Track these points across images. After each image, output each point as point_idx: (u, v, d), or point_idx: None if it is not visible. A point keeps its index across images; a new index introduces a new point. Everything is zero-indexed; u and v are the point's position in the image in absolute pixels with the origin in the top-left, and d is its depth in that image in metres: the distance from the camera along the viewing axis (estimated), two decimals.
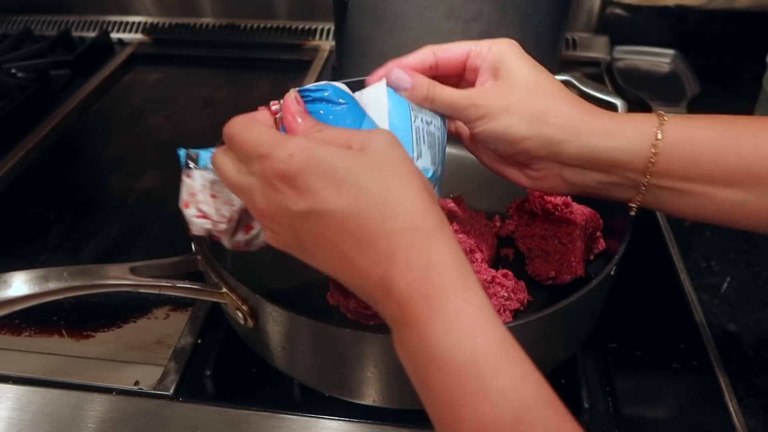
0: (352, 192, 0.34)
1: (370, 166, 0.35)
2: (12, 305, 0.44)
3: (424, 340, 0.33)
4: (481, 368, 0.31)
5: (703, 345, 0.58)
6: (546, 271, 0.57)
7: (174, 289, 0.49)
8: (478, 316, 0.33)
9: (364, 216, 0.34)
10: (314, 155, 0.35)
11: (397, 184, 0.35)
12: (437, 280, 0.33)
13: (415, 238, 0.34)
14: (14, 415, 0.54)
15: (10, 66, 1.05)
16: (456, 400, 0.31)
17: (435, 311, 0.32)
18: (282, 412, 0.53)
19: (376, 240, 0.34)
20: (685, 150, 0.42)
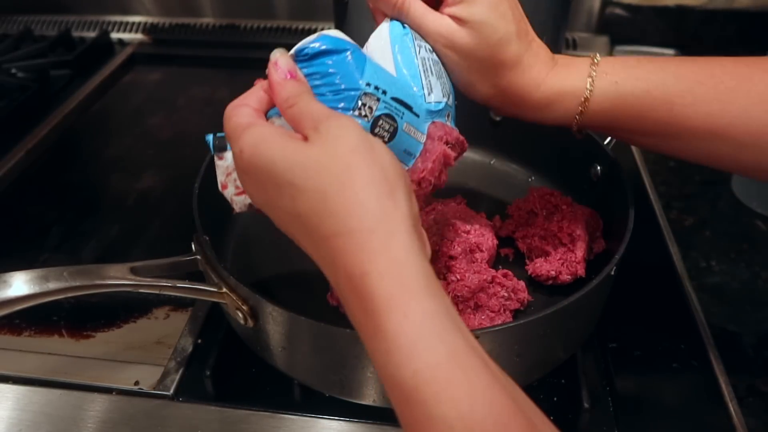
0: (290, 193, 0.33)
1: (314, 165, 0.33)
2: (12, 305, 0.44)
3: (375, 358, 0.31)
4: (424, 396, 0.28)
5: (703, 345, 0.58)
6: (546, 272, 0.57)
7: (174, 289, 0.49)
8: (420, 333, 0.29)
9: (304, 218, 0.33)
10: (259, 153, 0.34)
11: (335, 185, 0.32)
12: (374, 290, 0.30)
13: (349, 243, 0.32)
14: (15, 415, 0.54)
15: (10, 66, 1.05)
16: (410, 427, 0.30)
17: (376, 328, 0.30)
18: (282, 412, 0.53)
19: (319, 242, 0.33)
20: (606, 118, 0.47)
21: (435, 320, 0.30)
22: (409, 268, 0.31)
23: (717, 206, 0.78)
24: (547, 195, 0.62)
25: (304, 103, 0.37)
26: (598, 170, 0.63)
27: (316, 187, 0.33)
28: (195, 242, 0.52)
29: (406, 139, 0.42)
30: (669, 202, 0.77)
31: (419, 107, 0.43)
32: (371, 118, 0.40)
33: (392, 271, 0.31)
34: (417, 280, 0.31)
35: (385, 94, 0.41)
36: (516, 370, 0.48)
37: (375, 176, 0.33)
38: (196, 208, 0.54)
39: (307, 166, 0.33)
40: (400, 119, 0.42)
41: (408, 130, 0.42)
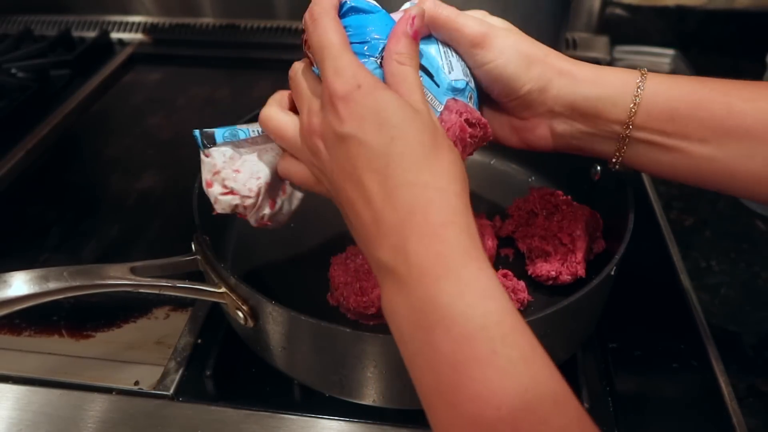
0: (392, 133, 0.36)
1: (419, 123, 0.36)
2: (12, 305, 0.44)
3: (433, 300, 0.32)
4: (492, 334, 0.31)
5: (703, 345, 0.58)
6: (546, 272, 0.57)
7: (174, 289, 0.49)
8: (490, 284, 0.33)
9: (393, 159, 0.35)
10: (376, 91, 0.37)
11: (431, 145, 0.36)
12: (453, 239, 0.33)
13: (436, 196, 0.34)
14: (14, 414, 0.54)
15: (10, 66, 1.05)
16: (461, 364, 0.31)
17: (448, 271, 0.32)
18: (282, 412, 0.53)
19: (398, 186, 0.35)
20: (663, 104, 0.44)
21: (497, 280, 0.33)
22: (477, 236, 0.35)
23: (717, 206, 0.78)
24: (548, 195, 0.62)
25: (411, 69, 0.39)
26: (598, 170, 0.63)
27: (419, 141, 0.36)
28: (195, 242, 0.52)
29: None
30: (669, 202, 0.77)
31: (440, 78, 0.43)
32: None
33: (469, 230, 0.34)
34: (479, 247, 0.35)
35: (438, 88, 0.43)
36: None
37: (457, 159, 0.37)
38: (196, 207, 0.54)
39: (415, 122, 0.36)
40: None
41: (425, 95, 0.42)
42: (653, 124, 0.44)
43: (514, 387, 0.30)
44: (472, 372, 0.30)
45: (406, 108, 0.37)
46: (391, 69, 0.40)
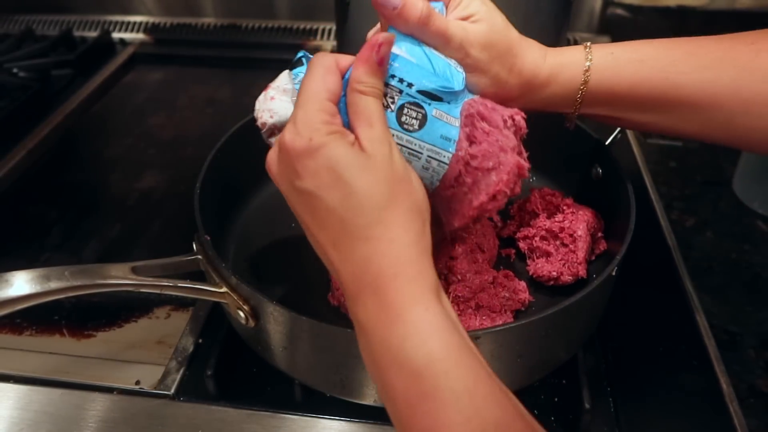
0: (345, 189, 0.36)
1: (372, 175, 0.37)
2: (14, 304, 0.44)
3: (386, 344, 0.35)
4: (435, 371, 0.33)
5: (704, 346, 0.58)
6: (548, 272, 0.57)
7: (175, 288, 0.49)
8: (435, 323, 0.34)
9: (348, 214, 0.36)
10: (326, 146, 0.37)
11: (384, 196, 0.37)
12: (402, 289, 0.35)
13: (388, 249, 0.36)
14: (16, 414, 0.54)
15: (12, 65, 1.05)
16: (412, 400, 0.33)
17: (396, 317, 0.34)
18: (283, 412, 0.53)
19: (354, 242, 0.37)
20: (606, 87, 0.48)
21: (446, 320, 0.35)
22: (430, 281, 0.36)
23: (718, 207, 0.78)
24: (549, 195, 0.62)
25: (372, 100, 0.39)
26: (599, 171, 0.63)
27: (370, 195, 0.36)
28: (196, 242, 0.52)
29: (440, 125, 0.43)
30: (670, 203, 0.77)
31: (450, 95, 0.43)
32: (395, 108, 0.42)
33: (420, 278, 0.36)
34: (433, 289, 0.36)
35: (410, 87, 0.42)
36: (517, 371, 0.49)
37: (413, 204, 0.38)
38: (197, 207, 0.54)
39: (366, 176, 0.37)
40: (427, 106, 0.42)
41: (440, 116, 0.43)
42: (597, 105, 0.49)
43: (457, 418, 0.32)
44: (422, 407, 0.33)
45: (358, 159, 0.37)
46: (352, 99, 0.39)
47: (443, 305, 0.36)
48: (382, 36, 0.40)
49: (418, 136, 0.42)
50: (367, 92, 0.39)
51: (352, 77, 0.39)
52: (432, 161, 0.43)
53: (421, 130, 0.42)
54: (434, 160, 0.43)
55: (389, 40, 0.40)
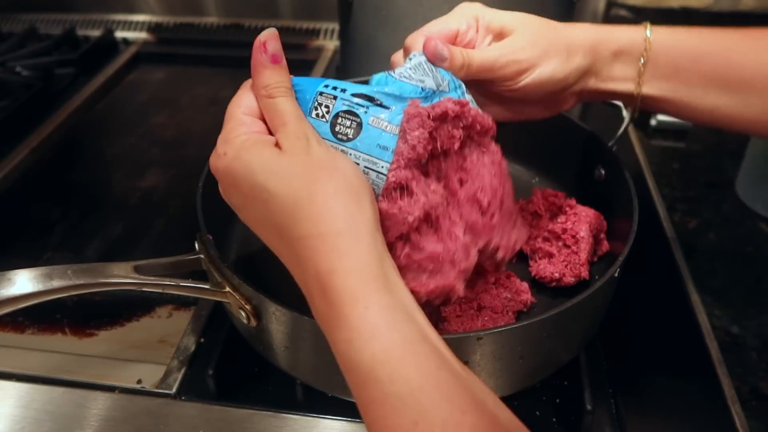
0: (264, 197, 0.36)
1: (286, 173, 0.36)
2: (16, 303, 0.44)
3: (336, 348, 0.34)
4: (379, 375, 0.32)
5: (706, 348, 0.58)
6: (550, 273, 0.57)
7: (177, 288, 0.49)
8: (378, 323, 0.33)
9: (276, 220, 0.37)
10: (240, 157, 0.37)
11: (305, 193, 0.36)
12: (339, 286, 0.34)
13: (319, 245, 0.35)
14: (17, 412, 0.54)
15: (15, 64, 1.05)
16: (365, 406, 0.33)
17: (339, 319, 0.33)
18: (284, 412, 0.53)
19: (291, 243, 0.36)
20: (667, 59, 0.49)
21: (392, 312, 0.33)
22: (371, 267, 0.34)
23: (721, 209, 0.77)
24: (551, 196, 0.62)
25: (280, 100, 0.39)
26: (602, 172, 0.63)
27: (288, 194, 0.36)
28: (198, 241, 0.52)
29: (377, 133, 0.40)
30: (673, 204, 0.77)
31: (390, 99, 0.41)
32: (329, 118, 0.41)
33: (356, 269, 0.34)
34: (377, 278, 0.34)
35: (344, 92, 0.41)
36: (519, 372, 0.48)
37: (340, 186, 0.36)
38: (199, 207, 0.54)
39: (280, 174, 0.36)
40: (363, 114, 0.40)
41: (376, 124, 0.40)
42: (661, 78, 0.49)
43: (404, 423, 0.31)
44: (373, 413, 0.32)
45: (272, 160, 0.37)
46: (263, 106, 0.40)
47: (391, 293, 0.34)
48: (263, 35, 0.40)
49: (352, 146, 0.40)
50: (273, 94, 0.39)
51: (255, 85, 0.40)
52: (370, 173, 0.40)
53: (356, 139, 0.40)
54: (372, 171, 0.40)
55: (271, 34, 0.40)
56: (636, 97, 0.50)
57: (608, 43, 0.49)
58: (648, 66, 0.49)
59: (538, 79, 0.48)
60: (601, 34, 0.49)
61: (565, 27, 0.49)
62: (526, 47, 0.47)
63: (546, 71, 0.47)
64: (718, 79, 0.48)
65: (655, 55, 0.48)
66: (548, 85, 0.48)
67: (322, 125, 0.41)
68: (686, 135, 0.90)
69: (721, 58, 0.47)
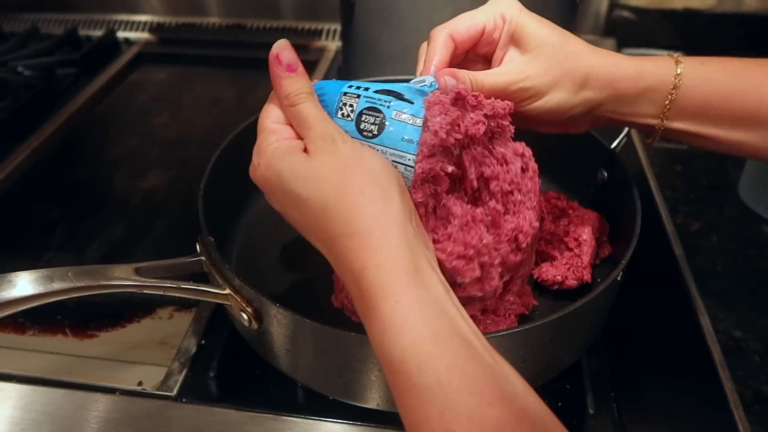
0: (296, 201, 0.38)
1: (314, 177, 0.38)
2: (17, 305, 0.44)
3: (373, 340, 0.35)
4: (408, 367, 0.33)
5: (708, 351, 0.58)
6: (552, 276, 0.57)
7: (178, 290, 0.49)
8: (407, 316, 0.34)
9: (310, 222, 0.38)
10: (271, 167, 0.39)
11: (334, 194, 0.37)
12: (371, 282, 0.35)
13: (352, 243, 0.36)
14: (17, 414, 0.54)
15: (17, 64, 1.05)
16: (398, 396, 0.34)
17: (373, 313, 0.35)
18: (285, 415, 0.53)
19: (325, 243, 0.38)
20: (697, 98, 0.47)
21: (422, 306, 0.34)
22: (401, 262, 0.35)
23: (724, 211, 0.77)
24: (554, 199, 0.62)
25: (303, 106, 0.40)
26: (604, 174, 0.62)
27: (318, 197, 0.37)
28: (200, 243, 0.52)
29: (401, 127, 0.41)
30: (675, 206, 0.77)
31: (412, 93, 0.42)
32: (354, 116, 0.42)
33: (387, 265, 0.35)
34: (408, 272, 0.35)
35: (367, 90, 0.42)
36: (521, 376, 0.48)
37: (367, 184, 0.37)
38: (201, 208, 0.54)
39: (308, 178, 0.38)
40: (386, 109, 0.41)
41: (400, 118, 0.41)
42: (687, 116, 0.48)
43: (432, 413, 0.32)
44: (405, 402, 0.33)
45: (300, 167, 0.38)
46: (288, 114, 0.41)
47: (422, 286, 0.35)
48: (275, 47, 0.41)
49: (378, 142, 0.41)
50: (295, 102, 0.40)
51: (278, 97, 0.41)
52: (398, 166, 0.41)
53: (381, 134, 0.41)
54: (399, 164, 0.41)
55: (282, 45, 0.41)
56: (657, 130, 0.49)
57: (634, 81, 0.47)
58: (675, 104, 0.47)
59: (542, 108, 0.47)
60: (624, 70, 0.47)
61: (586, 55, 0.47)
62: (539, 75, 0.46)
63: (552, 101, 0.46)
64: (749, 116, 0.46)
65: (684, 94, 0.46)
66: (553, 114, 0.47)
67: (348, 124, 0.42)
68: None
69: (754, 95, 0.46)
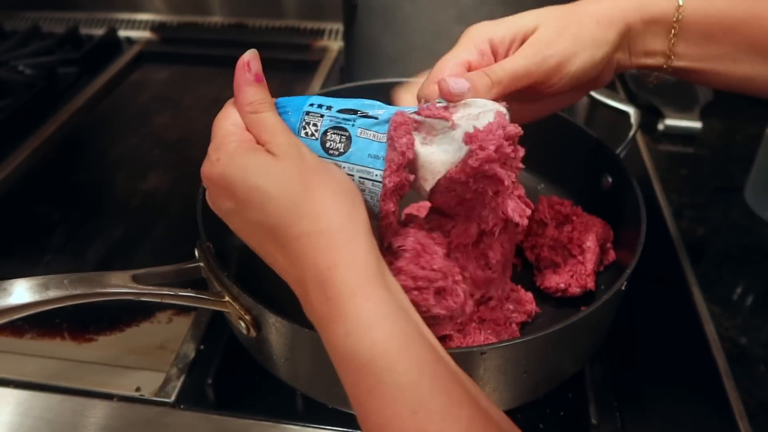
0: (260, 199, 0.37)
1: (283, 176, 0.37)
2: (12, 313, 0.44)
3: (333, 342, 0.34)
4: (378, 365, 0.32)
5: (713, 359, 0.57)
6: (555, 284, 0.56)
7: (176, 297, 0.48)
8: (376, 314, 0.34)
9: (272, 221, 0.37)
10: (235, 161, 0.38)
11: (303, 194, 0.37)
12: (339, 280, 0.34)
13: (319, 241, 0.35)
14: (15, 419, 0.53)
15: (18, 63, 1.05)
16: (362, 396, 0.33)
17: (338, 312, 0.34)
18: (284, 422, 0.52)
19: (287, 243, 0.37)
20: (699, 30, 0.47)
21: (390, 306, 0.34)
22: (368, 263, 0.35)
23: (729, 216, 0.76)
24: (557, 204, 0.61)
25: (266, 114, 0.41)
26: (609, 180, 0.62)
27: (286, 194, 0.37)
28: (198, 249, 0.51)
29: (366, 144, 0.42)
30: (680, 211, 0.76)
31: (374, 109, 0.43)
32: (318, 135, 0.42)
33: (355, 264, 0.35)
34: (375, 274, 0.35)
35: (330, 109, 0.43)
36: (523, 386, 0.48)
37: (336, 188, 0.38)
38: (199, 214, 0.53)
39: (277, 176, 0.37)
40: (351, 127, 0.42)
41: (365, 135, 0.42)
42: (691, 50, 0.48)
43: (403, 412, 0.31)
44: (370, 403, 0.33)
45: (267, 163, 0.38)
46: (248, 120, 0.41)
47: (388, 289, 0.35)
48: (245, 55, 0.42)
49: (344, 159, 0.42)
50: (258, 109, 0.40)
51: (240, 102, 0.41)
52: (365, 182, 0.42)
53: (347, 152, 0.42)
54: (367, 180, 0.42)
55: (254, 54, 0.42)
56: (666, 69, 0.50)
57: (638, 13, 0.47)
58: (679, 37, 0.47)
59: (574, 71, 0.46)
60: (626, 2, 0.47)
61: (585, 3, 0.47)
62: (555, 40, 0.45)
63: (580, 59, 0.46)
64: (752, 47, 0.46)
65: (688, 26, 0.47)
66: (585, 72, 0.47)
67: (312, 143, 0.43)
68: (694, 140, 0.89)
69: (755, 24, 0.46)
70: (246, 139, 0.40)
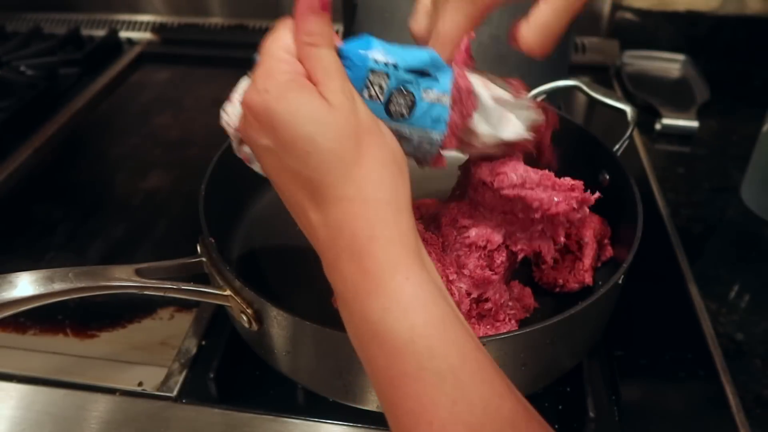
0: (306, 148, 0.33)
1: (336, 129, 0.33)
2: (17, 306, 0.44)
3: (366, 317, 0.32)
4: (418, 348, 0.31)
5: (710, 355, 0.58)
6: (554, 279, 0.57)
7: (179, 291, 0.49)
8: (418, 294, 0.32)
9: (314, 176, 0.34)
10: (285, 98, 0.34)
11: (353, 154, 0.33)
12: (379, 254, 0.33)
13: (362, 209, 0.33)
14: (18, 414, 0.54)
15: (19, 64, 1.05)
16: (396, 380, 0.31)
17: (375, 287, 0.32)
18: (285, 416, 0.52)
19: (325, 203, 0.34)
20: None
21: (430, 287, 0.33)
22: (411, 241, 0.34)
23: (726, 214, 0.77)
24: None
25: (327, 51, 0.36)
26: (606, 177, 0.62)
27: (336, 150, 0.33)
28: (200, 244, 0.52)
29: (430, 108, 0.40)
30: (677, 209, 0.77)
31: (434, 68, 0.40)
32: (384, 98, 0.39)
33: (399, 240, 0.33)
34: (416, 253, 0.34)
35: (396, 68, 0.39)
36: (521, 379, 0.48)
37: (388, 157, 0.35)
38: (202, 209, 0.54)
39: (330, 129, 0.33)
40: (416, 89, 0.39)
41: (429, 97, 0.40)
42: None
43: (442, 401, 0.30)
44: (405, 388, 0.31)
45: (319, 111, 0.33)
46: (305, 53, 0.35)
47: (426, 270, 0.33)
48: None
49: (408, 123, 0.39)
50: (319, 43, 0.35)
51: (299, 31, 0.36)
52: (423, 144, 0.40)
53: (411, 116, 0.39)
54: (425, 143, 0.40)
55: None
56: None
57: None
58: None
59: None
60: None
61: None
62: None
63: None
64: None
65: None
66: None
67: (375, 106, 0.38)
68: (691, 139, 0.90)
69: None
70: (299, 71, 0.35)
